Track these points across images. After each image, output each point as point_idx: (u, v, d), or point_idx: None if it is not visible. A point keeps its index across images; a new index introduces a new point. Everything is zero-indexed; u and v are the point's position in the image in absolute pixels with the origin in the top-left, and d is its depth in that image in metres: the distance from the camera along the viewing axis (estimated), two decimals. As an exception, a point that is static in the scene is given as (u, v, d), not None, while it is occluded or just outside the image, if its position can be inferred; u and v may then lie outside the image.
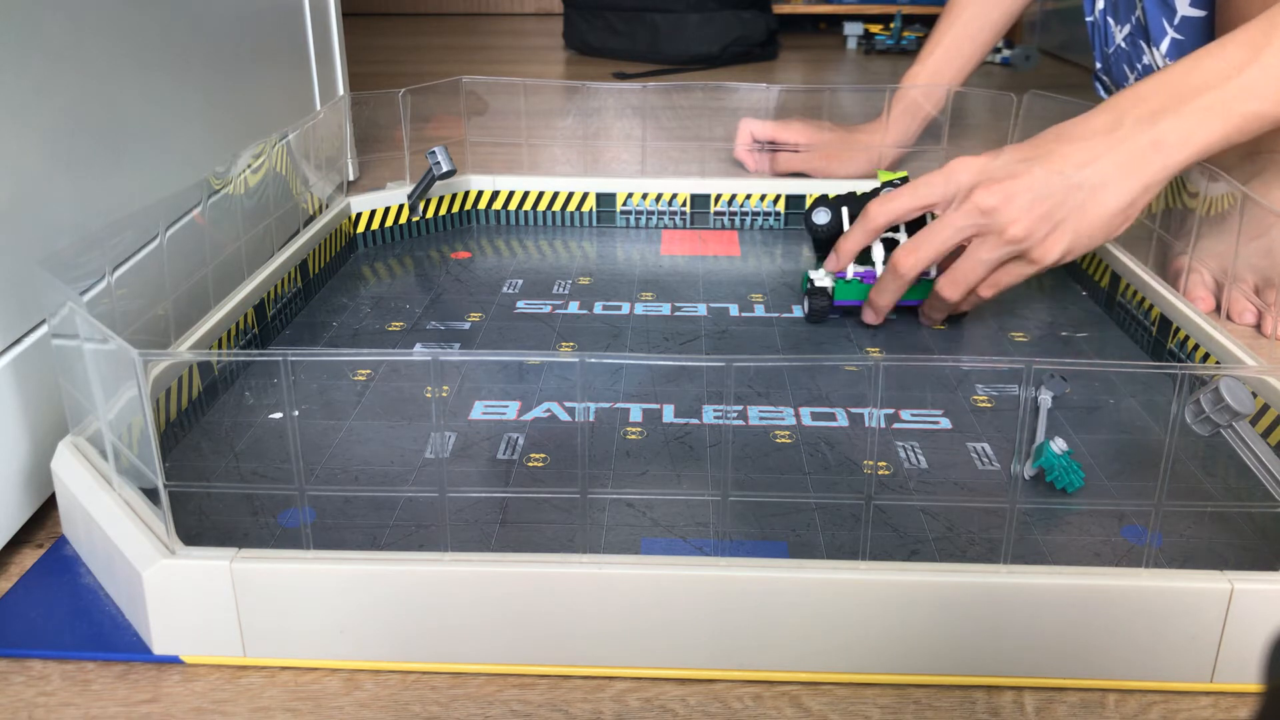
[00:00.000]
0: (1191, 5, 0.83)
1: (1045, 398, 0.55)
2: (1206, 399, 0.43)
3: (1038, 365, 0.40)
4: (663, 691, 0.40)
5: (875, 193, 0.70)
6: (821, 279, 0.69)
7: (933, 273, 0.67)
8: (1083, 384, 0.61)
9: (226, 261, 0.64)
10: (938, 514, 0.48)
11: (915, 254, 0.63)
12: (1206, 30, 0.83)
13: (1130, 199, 0.59)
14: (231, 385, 0.60)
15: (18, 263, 0.48)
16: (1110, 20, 0.94)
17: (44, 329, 0.50)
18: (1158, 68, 0.87)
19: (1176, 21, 0.85)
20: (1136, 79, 0.90)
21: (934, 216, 0.65)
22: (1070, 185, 0.59)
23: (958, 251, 0.63)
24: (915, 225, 0.68)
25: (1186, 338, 0.63)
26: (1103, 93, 0.99)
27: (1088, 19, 0.97)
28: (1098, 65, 0.98)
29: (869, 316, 0.68)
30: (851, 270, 0.68)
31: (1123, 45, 0.92)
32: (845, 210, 0.71)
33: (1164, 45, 0.86)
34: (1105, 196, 0.59)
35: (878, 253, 0.68)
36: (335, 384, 0.60)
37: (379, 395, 0.59)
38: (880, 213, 0.64)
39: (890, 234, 0.68)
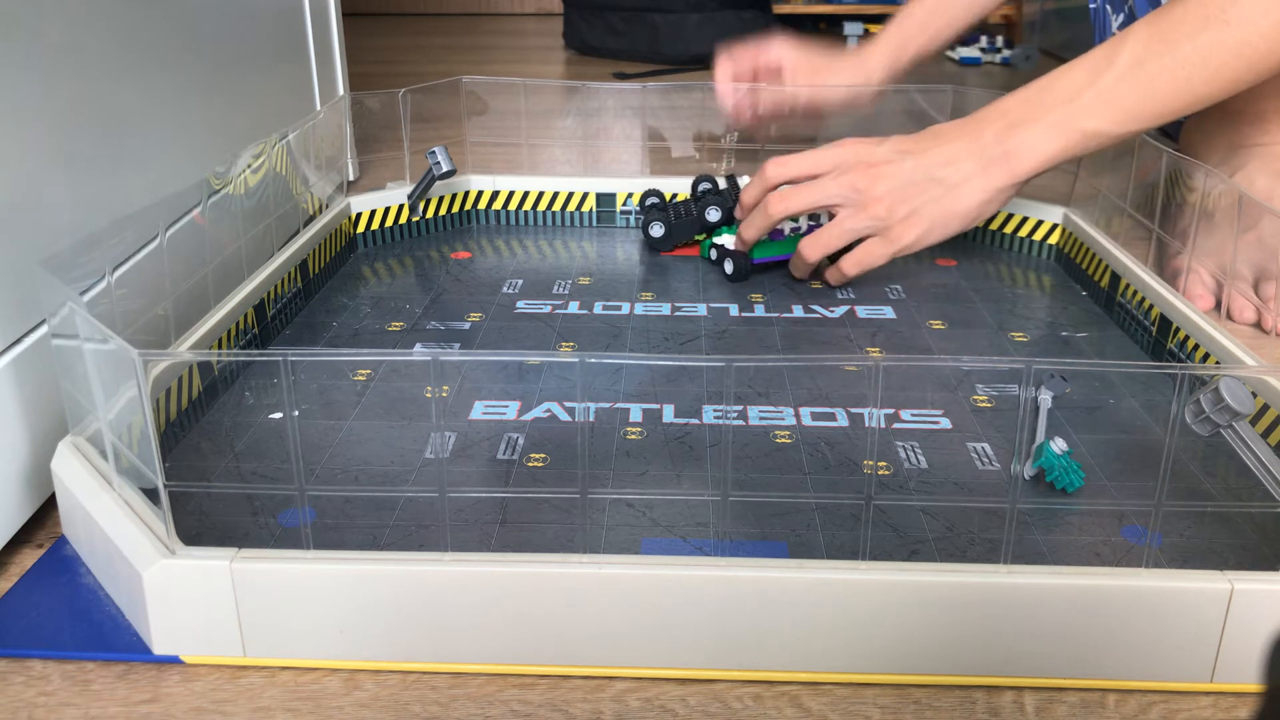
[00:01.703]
0: None
1: (1045, 398, 0.55)
2: (1206, 399, 0.43)
3: (1038, 365, 0.40)
4: (663, 691, 0.40)
5: (699, 199, 0.84)
6: (733, 243, 0.77)
7: (799, 226, 0.77)
8: (1083, 384, 0.61)
9: (226, 261, 0.64)
10: (938, 514, 0.48)
11: (785, 201, 0.71)
12: None
13: (983, 199, 0.67)
14: (231, 385, 0.60)
15: (18, 263, 0.48)
16: (1109, 8, 0.94)
17: (44, 329, 0.50)
18: None
19: None
20: None
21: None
22: (932, 179, 0.67)
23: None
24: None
25: (1186, 338, 0.63)
26: None
27: (1091, 5, 0.97)
28: None
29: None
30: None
31: (1116, 34, 0.92)
32: (671, 218, 0.82)
33: None
34: (961, 194, 0.67)
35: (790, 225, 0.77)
36: (335, 384, 0.60)
37: (379, 395, 0.59)
38: (775, 174, 0.72)
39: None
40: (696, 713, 0.39)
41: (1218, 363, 0.59)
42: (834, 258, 0.74)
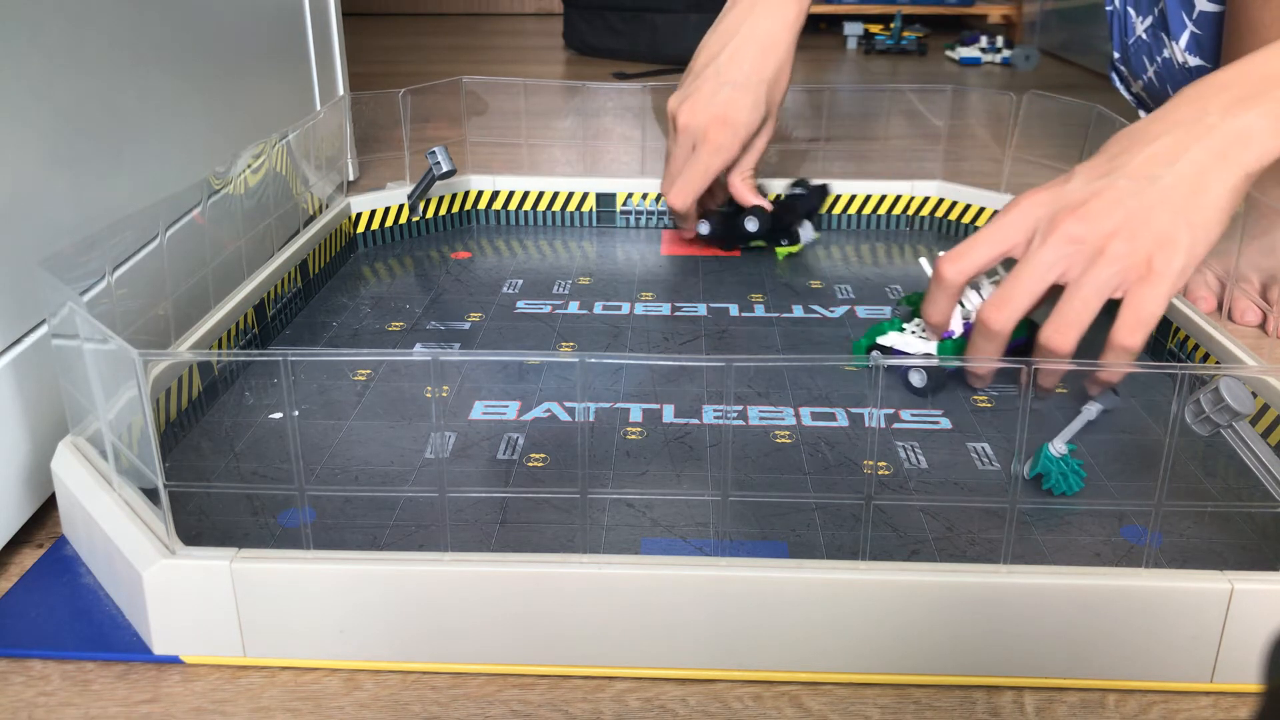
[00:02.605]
0: (1210, 0, 0.83)
1: (1091, 409, 0.52)
2: (1206, 399, 0.43)
3: (1038, 365, 0.40)
4: (663, 691, 0.40)
5: (778, 201, 0.79)
6: (916, 344, 0.61)
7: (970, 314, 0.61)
8: (1083, 384, 0.61)
9: (226, 261, 0.64)
10: (938, 514, 0.48)
11: (1005, 308, 0.54)
12: (1222, 25, 0.83)
13: (1233, 185, 0.52)
14: (231, 385, 0.60)
15: (18, 263, 0.48)
16: (1131, 11, 0.93)
17: (44, 329, 0.50)
18: (1178, 62, 0.86)
19: (1195, 16, 0.84)
20: (1156, 71, 0.90)
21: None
22: (1164, 186, 0.52)
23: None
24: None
25: (1186, 338, 0.63)
26: (1118, 82, 0.98)
27: (1107, 8, 0.96)
28: (1115, 55, 0.97)
29: (975, 381, 0.61)
30: (959, 326, 0.60)
31: (1144, 37, 0.91)
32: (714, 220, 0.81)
33: (1183, 39, 0.86)
34: (1210, 184, 0.52)
35: (973, 301, 0.61)
36: (335, 384, 0.60)
37: (379, 395, 0.59)
38: (955, 272, 0.56)
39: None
40: (696, 713, 0.39)
41: (1218, 363, 0.59)
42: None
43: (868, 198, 0.91)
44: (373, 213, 0.84)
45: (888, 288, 0.76)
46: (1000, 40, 1.98)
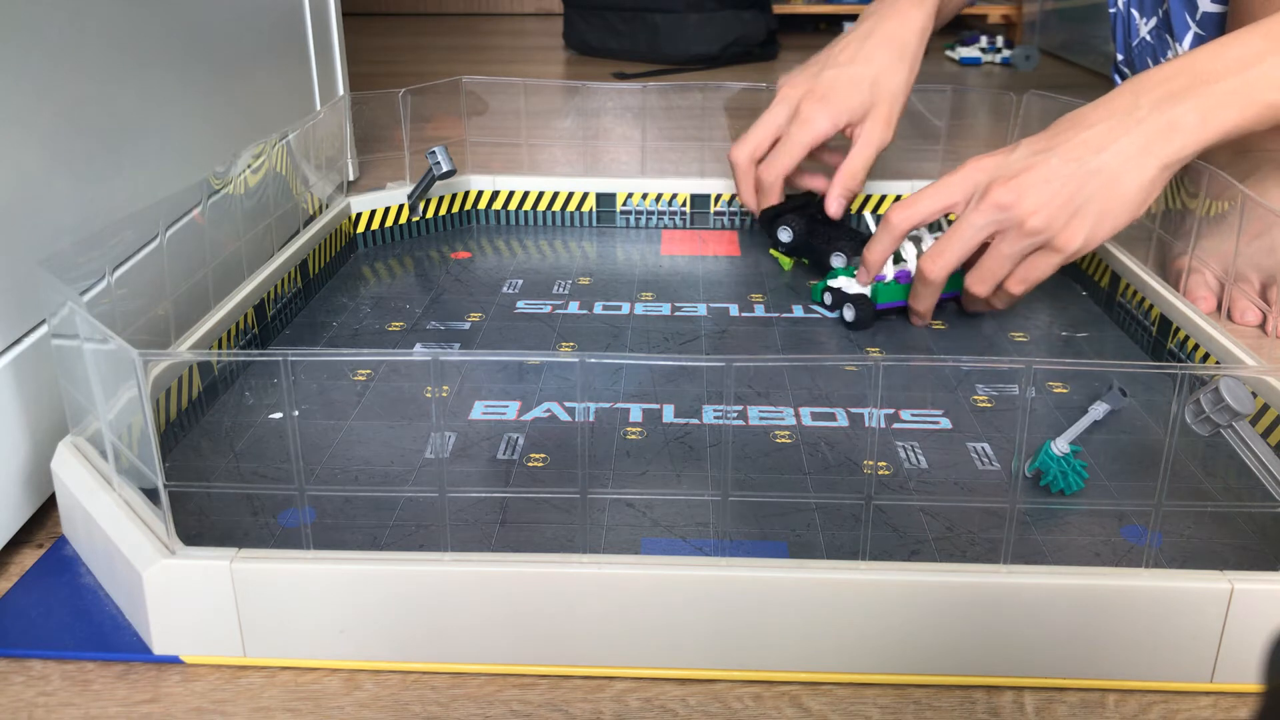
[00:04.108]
0: (1213, 1, 0.83)
1: (1098, 409, 0.54)
2: (1206, 399, 0.43)
3: (1038, 365, 0.40)
4: (663, 691, 0.40)
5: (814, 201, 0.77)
6: (856, 286, 0.70)
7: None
8: (1083, 384, 0.61)
9: (226, 261, 0.64)
10: (938, 514, 0.48)
11: (940, 258, 0.64)
12: (1224, 26, 0.83)
13: (1149, 179, 0.59)
14: (231, 385, 0.60)
15: (18, 263, 0.48)
16: (1135, 13, 0.93)
17: (44, 329, 0.50)
18: None
19: (1198, 17, 0.85)
20: None
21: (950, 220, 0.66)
22: (1087, 171, 0.59)
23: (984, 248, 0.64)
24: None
25: (1186, 338, 0.63)
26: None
27: (1110, 10, 0.96)
28: (1119, 57, 0.97)
29: (916, 320, 0.70)
30: (891, 271, 0.69)
31: (1148, 39, 0.92)
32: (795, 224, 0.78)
33: (1186, 41, 0.86)
34: (1125, 178, 0.59)
35: (910, 252, 0.70)
36: (335, 384, 0.60)
37: (379, 395, 0.59)
38: (902, 219, 0.65)
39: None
40: (696, 713, 0.39)
41: (1218, 363, 0.59)
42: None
43: (868, 198, 0.91)
44: (373, 213, 0.84)
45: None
46: (1000, 40, 1.98)
